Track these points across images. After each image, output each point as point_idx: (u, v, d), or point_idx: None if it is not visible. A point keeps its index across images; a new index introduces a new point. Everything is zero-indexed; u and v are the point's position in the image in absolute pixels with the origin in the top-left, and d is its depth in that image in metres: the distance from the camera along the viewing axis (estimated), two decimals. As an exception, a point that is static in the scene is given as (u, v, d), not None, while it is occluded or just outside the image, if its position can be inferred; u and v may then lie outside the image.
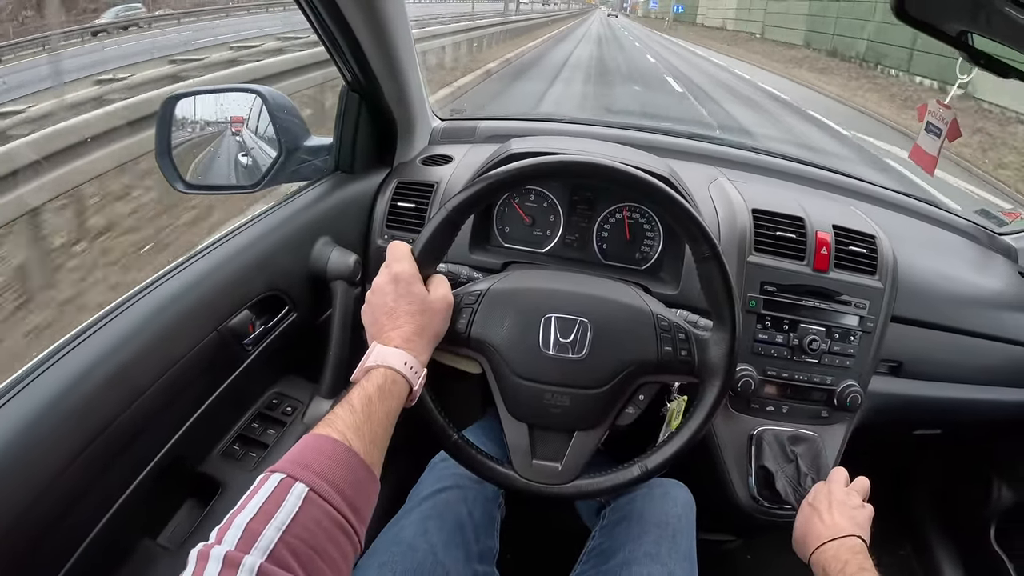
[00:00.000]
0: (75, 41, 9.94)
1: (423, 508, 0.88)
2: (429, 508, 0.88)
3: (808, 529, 0.79)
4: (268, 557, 0.44)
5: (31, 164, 2.79)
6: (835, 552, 0.73)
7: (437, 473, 0.95)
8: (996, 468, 1.41)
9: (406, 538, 0.83)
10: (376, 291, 0.72)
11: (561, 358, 0.76)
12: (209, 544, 0.44)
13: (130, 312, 0.75)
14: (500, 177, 0.74)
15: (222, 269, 0.87)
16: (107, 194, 3.63)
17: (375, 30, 0.97)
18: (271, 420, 0.97)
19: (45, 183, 2.85)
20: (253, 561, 0.43)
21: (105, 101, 4.11)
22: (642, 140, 1.36)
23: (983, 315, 1.17)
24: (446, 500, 0.90)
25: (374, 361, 0.65)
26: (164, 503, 0.86)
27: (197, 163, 1.06)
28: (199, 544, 0.44)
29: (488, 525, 0.93)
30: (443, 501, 0.89)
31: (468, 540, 0.87)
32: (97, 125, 3.16)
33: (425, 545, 0.82)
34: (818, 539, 0.76)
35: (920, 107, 1.07)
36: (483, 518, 0.92)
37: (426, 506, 0.88)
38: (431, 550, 0.81)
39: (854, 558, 0.71)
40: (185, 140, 1.04)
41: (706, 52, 23.30)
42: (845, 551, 0.72)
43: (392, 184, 1.14)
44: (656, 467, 0.78)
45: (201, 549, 0.44)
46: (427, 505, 0.89)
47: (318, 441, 0.54)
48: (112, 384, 0.69)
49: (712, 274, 0.76)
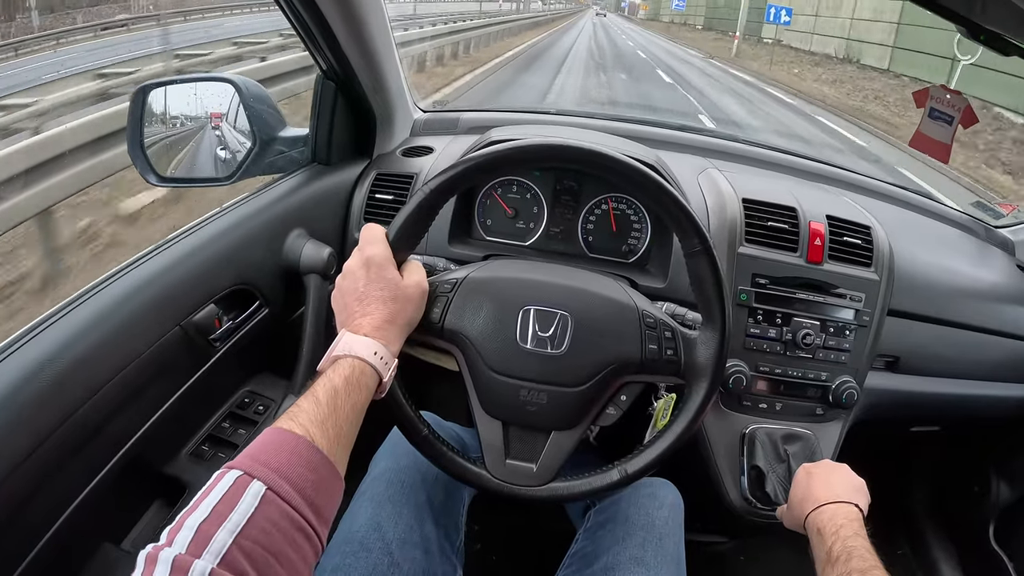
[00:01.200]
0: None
1: (377, 492, 0.82)
2: (383, 492, 0.82)
3: (807, 493, 0.77)
4: (220, 561, 0.41)
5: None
6: (831, 515, 0.71)
7: (394, 447, 0.89)
8: (995, 465, 1.38)
9: (358, 535, 0.77)
10: (347, 274, 0.68)
11: (539, 353, 0.72)
12: (159, 546, 0.41)
13: (87, 305, 0.72)
14: (480, 160, 0.71)
15: (186, 262, 0.83)
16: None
17: (348, 18, 0.94)
18: (242, 419, 0.94)
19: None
20: (204, 566, 0.40)
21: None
22: (630, 131, 1.33)
23: (981, 309, 1.15)
24: (402, 483, 0.83)
25: (342, 350, 0.61)
26: (128, 506, 0.84)
27: (180, 158, 1.03)
28: (148, 546, 0.42)
29: (452, 510, 0.87)
30: (399, 484, 0.83)
31: (427, 535, 0.81)
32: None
33: (379, 543, 0.76)
34: (816, 501, 0.74)
35: (918, 92, 1.03)
36: (447, 503, 0.86)
37: (379, 489, 0.83)
38: (386, 549, 0.76)
39: (849, 524, 0.69)
40: (162, 133, 1.01)
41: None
42: (841, 516, 0.70)
43: (371, 175, 1.11)
44: (636, 472, 0.74)
45: (150, 552, 0.41)
46: (380, 488, 0.83)
47: (279, 436, 0.51)
48: (68, 378, 0.66)
49: (702, 269, 0.72)
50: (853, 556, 0.64)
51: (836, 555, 0.65)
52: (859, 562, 0.63)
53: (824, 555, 0.67)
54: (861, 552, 0.64)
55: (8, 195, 2.53)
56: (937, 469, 1.55)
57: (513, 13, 27.13)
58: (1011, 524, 1.35)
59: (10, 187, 2.55)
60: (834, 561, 0.65)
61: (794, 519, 0.78)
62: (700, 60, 19.52)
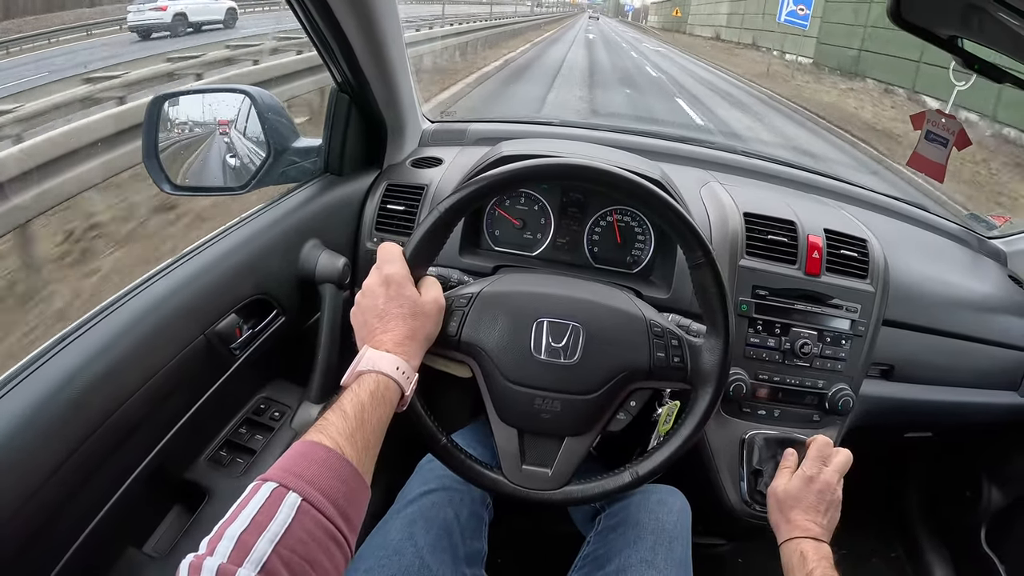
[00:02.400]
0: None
1: (409, 511, 0.87)
2: (415, 511, 0.87)
3: (797, 513, 0.80)
4: (261, 570, 0.43)
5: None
6: (815, 547, 0.76)
7: (424, 475, 0.93)
8: (986, 470, 1.41)
9: (392, 542, 0.82)
10: (367, 293, 0.70)
11: (553, 363, 0.75)
12: (200, 555, 0.43)
13: (115, 316, 0.74)
14: (495, 179, 0.74)
15: (209, 272, 0.85)
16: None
17: (366, 32, 0.96)
18: (258, 425, 0.96)
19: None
20: (246, 574, 0.42)
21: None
22: (633, 143, 1.36)
23: (973, 318, 1.18)
24: (432, 502, 0.88)
25: (366, 366, 0.63)
26: (150, 511, 0.85)
27: (188, 165, 1.05)
28: (189, 555, 0.44)
29: (476, 527, 0.91)
30: (429, 504, 0.88)
31: (455, 543, 0.85)
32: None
33: (412, 549, 0.80)
34: (805, 531, 0.78)
35: (916, 115, 1.07)
36: (470, 520, 0.91)
37: (412, 509, 0.87)
38: (417, 554, 0.80)
39: (827, 559, 0.75)
40: (173, 141, 1.03)
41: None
42: (823, 551, 0.76)
43: (382, 186, 1.13)
44: (647, 474, 0.78)
45: (193, 561, 0.43)
46: (413, 508, 0.87)
47: (310, 448, 0.54)
48: (98, 389, 0.68)
49: (706, 280, 0.76)
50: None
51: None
52: None
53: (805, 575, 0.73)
54: None
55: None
56: (930, 474, 1.58)
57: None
58: (1003, 528, 1.38)
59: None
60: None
61: (775, 524, 0.83)
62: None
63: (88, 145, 3.01)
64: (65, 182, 2.86)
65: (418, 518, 0.85)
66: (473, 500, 0.93)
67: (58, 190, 2.83)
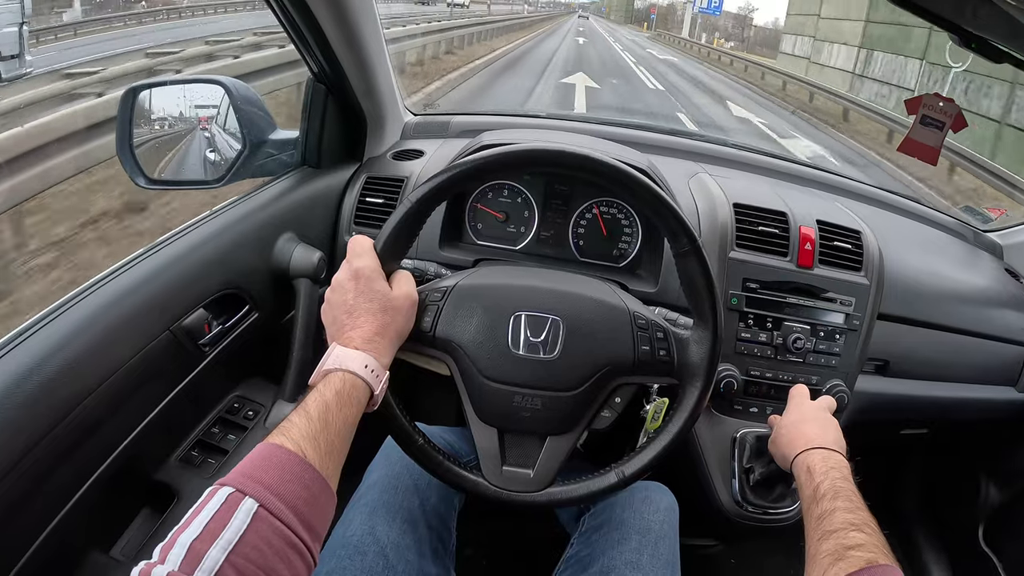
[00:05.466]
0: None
1: (371, 497, 0.83)
2: (376, 498, 0.83)
3: (798, 432, 0.79)
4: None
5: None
6: (823, 457, 0.73)
7: (388, 453, 0.89)
8: (984, 468, 1.39)
9: (353, 539, 0.78)
10: (336, 288, 0.68)
11: (532, 359, 0.72)
12: (151, 563, 0.42)
13: (76, 309, 0.71)
14: (466, 166, 0.70)
15: (176, 265, 0.83)
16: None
17: (341, 21, 0.94)
18: (232, 425, 0.94)
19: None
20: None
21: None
22: (621, 135, 1.33)
23: (970, 312, 1.16)
24: (396, 487, 0.84)
25: (332, 364, 0.61)
26: (118, 513, 0.83)
27: (169, 159, 1.03)
28: (141, 563, 0.42)
29: (445, 514, 0.87)
30: (392, 488, 0.84)
31: (421, 537, 0.81)
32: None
33: (374, 547, 0.76)
34: (809, 442, 0.76)
35: (911, 100, 1.04)
36: (439, 506, 0.86)
37: (374, 495, 0.83)
38: (380, 552, 0.76)
39: (839, 468, 0.71)
40: (153, 136, 1.01)
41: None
42: (833, 460, 0.72)
43: (361, 179, 1.11)
44: (634, 474, 0.74)
45: (143, 568, 0.41)
46: (374, 494, 0.83)
47: (271, 451, 0.51)
48: (55, 386, 0.65)
49: (692, 269, 0.72)
50: (840, 495, 0.65)
51: (824, 492, 0.66)
52: (845, 501, 0.64)
53: (811, 492, 0.68)
54: (847, 493, 0.66)
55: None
56: (927, 471, 1.56)
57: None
58: (1001, 525, 1.36)
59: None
60: (820, 498, 0.66)
61: (782, 452, 0.80)
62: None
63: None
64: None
65: (379, 507, 0.81)
66: (441, 485, 0.87)
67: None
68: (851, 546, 0.58)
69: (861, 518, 0.62)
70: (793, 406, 0.87)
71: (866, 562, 0.56)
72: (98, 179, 3.14)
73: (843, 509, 0.63)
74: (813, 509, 0.66)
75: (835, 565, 0.57)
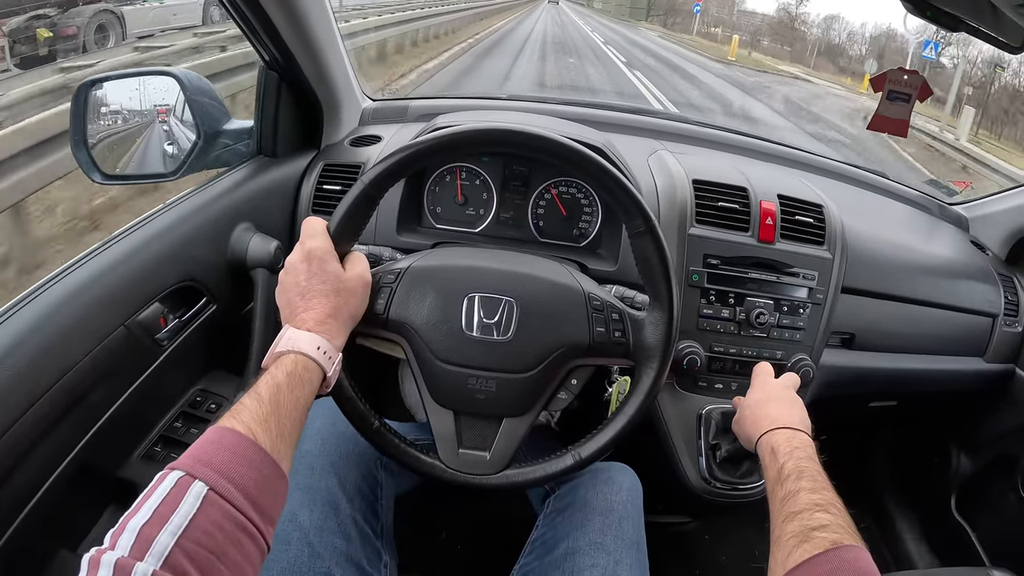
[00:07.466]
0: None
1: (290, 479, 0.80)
2: (293, 483, 0.79)
3: (763, 412, 0.79)
4: (163, 564, 0.41)
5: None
6: (787, 437, 0.72)
7: (304, 429, 0.86)
8: (954, 438, 1.41)
9: (278, 527, 0.75)
10: (289, 270, 0.67)
11: (485, 340, 0.72)
12: (102, 550, 0.42)
13: (28, 309, 0.70)
14: (419, 146, 0.70)
15: (130, 260, 0.81)
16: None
17: (286, 7, 0.93)
18: (195, 419, 0.92)
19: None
20: (146, 568, 0.40)
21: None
22: (581, 115, 1.32)
23: (934, 284, 1.17)
24: (311, 468, 0.79)
25: (284, 346, 0.61)
26: (83, 512, 0.82)
27: (129, 154, 1.01)
28: (92, 550, 0.42)
29: (368, 494, 0.83)
30: (307, 470, 0.79)
31: (344, 520, 0.77)
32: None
33: (297, 534, 0.73)
34: (773, 422, 0.75)
35: (876, 78, 1.04)
36: (361, 486, 0.82)
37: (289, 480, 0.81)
38: (304, 539, 0.73)
39: (804, 448, 0.70)
40: (108, 131, 0.99)
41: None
42: (797, 440, 0.72)
43: (318, 166, 1.09)
44: (590, 456, 0.74)
45: (93, 555, 0.41)
46: (290, 479, 0.80)
47: (221, 435, 0.51)
48: (8, 388, 0.64)
49: (647, 249, 0.72)
50: (804, 476, 0.65)
51: (788, 473, 0.66)
52: (809, 481, 0.64)
53: (775, 473, 0.68)
54: (812, 473, 0.65)
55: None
56: (898, 443, 1.58)
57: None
58: (972, 494, 1.38)
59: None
60: (784, 479, 0.66)
61: (746, 434, 0.80)
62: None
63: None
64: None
65: (296, 490, 0.76)
66: (362, 460, 0.84)
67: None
68: (816, 527, 0.58)
69: (826, 498, 0.62)
70: (757, 385, 0.87)
71: (831, 543, 0.55)
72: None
73: (807, 490, 0.63)
74: (777, 491, 0.66)
75: (800, 547, 0.57)
